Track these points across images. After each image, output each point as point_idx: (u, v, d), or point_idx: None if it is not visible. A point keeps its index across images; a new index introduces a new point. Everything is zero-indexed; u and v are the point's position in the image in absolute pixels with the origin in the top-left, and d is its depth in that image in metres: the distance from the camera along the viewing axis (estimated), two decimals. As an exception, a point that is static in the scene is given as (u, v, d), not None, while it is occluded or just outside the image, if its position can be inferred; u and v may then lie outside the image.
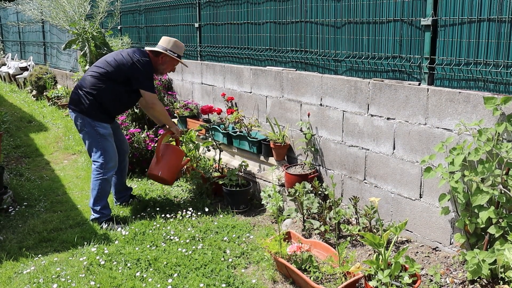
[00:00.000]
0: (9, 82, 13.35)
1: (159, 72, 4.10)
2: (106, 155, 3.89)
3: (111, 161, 3.92)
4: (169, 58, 4.02)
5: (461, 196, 2.79)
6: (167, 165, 4.13)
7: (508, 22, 2.69)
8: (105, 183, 3.92)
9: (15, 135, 7.54)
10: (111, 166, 3.93)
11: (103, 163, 3.88)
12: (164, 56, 4.00)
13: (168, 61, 4.04)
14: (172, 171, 4.17)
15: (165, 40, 4.03)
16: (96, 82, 3.84)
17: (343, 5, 3.69)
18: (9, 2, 14.06)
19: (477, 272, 2.61)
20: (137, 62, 3.83)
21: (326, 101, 3.93)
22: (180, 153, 4.29)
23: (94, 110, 3.85)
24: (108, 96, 3.87)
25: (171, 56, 3.99)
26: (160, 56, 4.00)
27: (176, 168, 4.23)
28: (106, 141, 3.90)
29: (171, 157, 4.18)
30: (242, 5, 4.85)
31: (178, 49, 4.04)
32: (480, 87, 2.90)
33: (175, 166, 4.21)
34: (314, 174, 4.04)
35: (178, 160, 4.25)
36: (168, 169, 4.13)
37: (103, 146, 3.89)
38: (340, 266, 2.82)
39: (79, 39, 6.75)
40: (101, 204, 3.93)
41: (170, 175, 4.15)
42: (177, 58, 4.03)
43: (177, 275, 3.12)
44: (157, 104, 4.02)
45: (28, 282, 3.13)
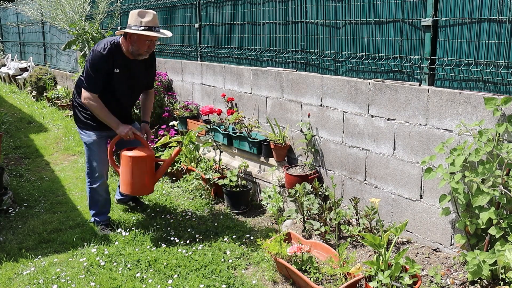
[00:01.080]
0: (9, 83, 13.35)
1: (136, 54, 3.45)
2: (90, 165, 3.71)
3: (96, 171, 3.70)
4: (136, 36, 3.34)
5: (462, 197, 2.79)
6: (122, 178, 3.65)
7: (508, 22, 2.68)
8: (93, 193, 3.79)
9: (15, 136, 7.54)
10: (97, 176, 3.72)
11: (88, 172, 3.76)
12: (130, 35, 3.37)
13: (136, 39, 3.37)
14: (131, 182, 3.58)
15: (130, 16, 3.38)
16: (78, 83, 3.62)
17: (343, 6, 3.69)
18: (9, 3, 14.06)
19: (478, 273, 2.60)
20: (91, 52, 3.42)
21: (327, 102, 3.93)
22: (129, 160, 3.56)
23: (78, 114, 3.67)
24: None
25: (136, 33, 3.31)
26: (128, 36, 3.40)
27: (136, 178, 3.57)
28: (89, 150, 3.69)
29: (122, 167, 3.62)
30: (242, 6, 4.85)
31: (144, 20, 3.30)
32: (481, 87, 2.90)
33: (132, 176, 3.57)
34: (314, 174, 4.03)
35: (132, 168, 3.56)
36: (124, 182, 3.63)
37: (87, 154, 3.71)
38: (341, 267, 2.82)
39: (79, 39, 6.75)
40: (94, 210, 3.88)
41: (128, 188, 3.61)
42: (143, 32, 3.29)
43: (177, 276, 3.12)
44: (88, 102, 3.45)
45: (28, 283, 3.12)
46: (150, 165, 3.64)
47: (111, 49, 3.39)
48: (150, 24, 3.31)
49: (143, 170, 3.59)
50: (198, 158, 4.95)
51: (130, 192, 3.63)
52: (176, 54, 6.39)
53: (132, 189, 3.60)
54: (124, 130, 3.52)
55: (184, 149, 4.91)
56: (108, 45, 3.38)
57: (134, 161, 3.54)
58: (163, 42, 6.72)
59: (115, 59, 3.42)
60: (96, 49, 3.36)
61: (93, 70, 3.38)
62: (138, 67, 3.58)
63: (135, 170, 3.55)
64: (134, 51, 3.41)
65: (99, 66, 3.37)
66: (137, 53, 3.43)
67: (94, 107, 3.46)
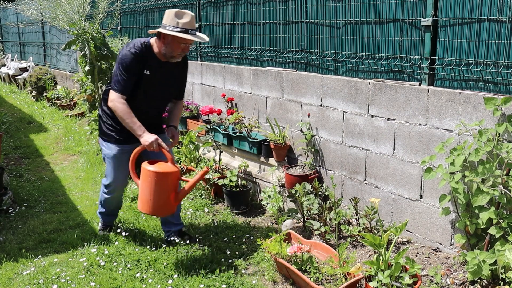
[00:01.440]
0: (9, 83, 13.35)
1: (168, 56, 3.19)
2: (107, 178, 3.50)
3: (111, 185, 3.50)
4: (170, 37, 3.09)
5: (462, 197, 2.79)
6: (141, 195, 3.16)
7: (508, 22, 2.68)
8: (104, 201, 3.67)
9: (15, 136, 7.54)
10: (112, 190, 3.53)
11: (105, 184, 3.56)
12: (165, 36, 3.12)
13: (170, 41, 3.11)
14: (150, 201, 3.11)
15: (165, 14, 3.12)
16: (106, 90, 3.31)
17: (343, 6, 3.69)
18: (9, 3, 14.06)
19: (478, 273, 2.60)
20: (120, 52, 3.18)
21: (326, 102, 3.93)
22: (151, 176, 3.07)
23: (102, 125, 3.42)
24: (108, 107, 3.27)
25: (172, 34, 3.04)
26: (161, 36, 3.15)
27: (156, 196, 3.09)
28: (108, 163, 3.44)
29: (142, 183, 3.14)
30: (242, 6, 4.85)
31: (181, 21, 3.05)
32: (481, 87, 2.90)
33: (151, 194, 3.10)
34: (314, 174, 4.03)
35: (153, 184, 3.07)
36: (142, 199, 3.15)
37: (106, 167, 3.48)
38: (341, 267, 2.82)
39: (79, 39, 6.74)
40: (103, 208, 3.75)
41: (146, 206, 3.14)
42: (178, 34, 3.02)
43: (177, 276, 3.12)
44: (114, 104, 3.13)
45: (28, 283, 3.12)
46: (173, 183, 3.16)
47: (142, 49, 3.15)
48: (187, 26, 3.06)
49: (165, 188, 3.11)
50: (198, 158, 4.95)
51: (147, 212, 3.16)
52: (176, 54, 6.38)
53: (150, 208, 3.13)
54: (149, 139, 3.10)
55: (184, 149, 4.91)
56: (139, 45, 3.15)
57: (155, 176, 3.07)
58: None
59: (146, 60, 3.16)
60: (126, 49, 3.14)
61: (123, 70, 3.11)
62: (170, 71, 3.31)
63: (156, 187, 3.07)
64: (167, 53, 3.17)
65: (129, 66, 3.11)
66: (170, 56, 3.18)
67: (120, 110, 3.11)
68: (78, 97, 9.15)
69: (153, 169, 3.08)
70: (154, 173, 3.07)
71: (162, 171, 3.08)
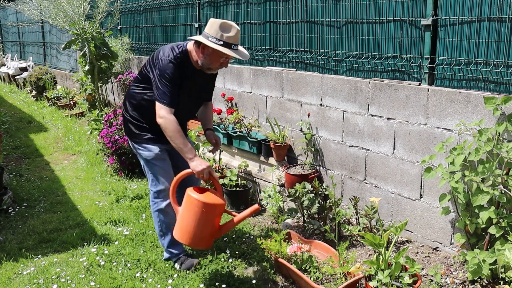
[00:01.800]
0: (9, 83, 13.35)
1: (205, 68, 2.99)
2: (156, 182, 3.15)
3: (163, 190, 3.15)
4: (211, 49, 2.86)
5: (462, 196, 2.79)
6: (181, 223, 2.87)
7: (508, 21, 2.68)
8: (162, 215, 3.18)
9: (15, 136, 7.54)
10: (164, 195, 3.15)
11: (154, 191, 3.17)
12: (204, 46, 2.89)
13: (211, 53, 2.88)
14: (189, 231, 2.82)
15: (209, 23, 2.89)
16: (134, 93, 3.14)
17: (343, 5, 3.69)
18: (9, 2, 14.06)
19: (478, 272, 2.60)
20: (159, 62, 2.91)
21: (326, 101, 3.93)
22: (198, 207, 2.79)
23: (134, 129, 3.16)
24: (146, 111, 3.08)
25: (213, 47, 2.82)
26: (200, 46, 2.92)
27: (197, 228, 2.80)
28: (153, 166, 3.14)
29: (184, 210, 2.87)
30: (242, 5, 4.85)
31: (225, 34, 2.82)
32: (481, 87, 2.90)
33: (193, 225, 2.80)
34: (314, 174, 4.03)
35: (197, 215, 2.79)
36: (181, 228, 2.86)
37: (152, 172, 3.16)
38: (341, 266, 2.82)
39: (79, 39, 6.75)
40: (166, 239, 3.25)
41: (185, 237, 2.84)
42: (220, 48, 2.81)
43: (177, 275, 3.12)
44: (165, 120, 2.86)
45: (28, 282, 3.12)
46: (219, 215, 2.92)
47: (181, 57, 2.94)
48: (231, 41, 2.84)
49: (211, 220, 2.85)
50: (198, 158, 4.94)
51: (186, 242, 2.87)
52: (176, 54, 6.38)
53: (190, 240, 2.84)
54: (200, 166, 2.85)
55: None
56: (177, 53, 2.94)
57: (203, 207, 2.78)
58: (163, 42, 6.72)
59: (184, 68, 2.98)
60: (164, 57, 2.90)
61: (167, 82, 2.88)
62: (203, 78, 3.16)
63: (202, 218, 2.79)
64: (204, 64, 2.96)
65: (173, 76, 2.90)
66: (207, 67, 2.99)
67: (171, 129, 2.85)
68: (78, 97, 9.15)
69: (202, 199, 2.79)
70: (202, 204, 2.78)
71: (212, 202, 2.81)
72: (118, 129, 5.29)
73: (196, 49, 2.96)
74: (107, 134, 5.27)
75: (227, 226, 2.95)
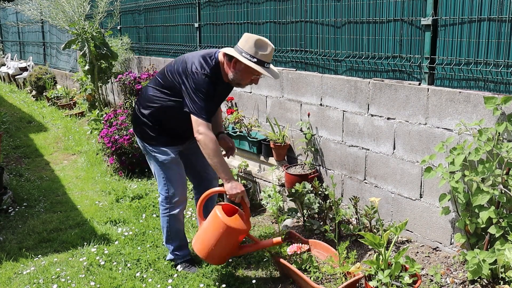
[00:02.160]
0: (9, 83, 13.35)
1: (235, 83, 2.97)
2: (170, 187, 3.09)
3: (177, 194, 3.11)
4: (244, 65, 2.82)
5: (462, 196, 2.79)
6: (201, 236, 2.95)
7: (508, 21, 2.68)
8: (173, 221, 3.16)
9: (15, 136, 7.54)
10: (178, 200, 3.12)
11: (167, 196, 3.11)
12: (237, 61, 2.84)
13: (243, 69, 2.85)
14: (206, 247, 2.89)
15: (243, 38, 2.85)
16: (153, 98, 3.03)
17: (343, 5, 3.69)
18: (9, 2, 14.06)
19: (478, 272, 2.60)
20: (192, 74, 2.82)
21: (326, 101, 3.93)
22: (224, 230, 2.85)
23: (151, 132, 3.08)
24: (166, 117, 3.04)
25: (246, 64, 2.79)
26: (233, 61, 2.86)
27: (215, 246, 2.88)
28: (168, 169, 3.08)
29: (207, 226, 2.93)
30: (242, 5, 4.85)
31: (260, 52, 2.79)
32: (481, 87, 2.89)
33: (211, 242, 2.87)
34: (314, 174, 4.03)
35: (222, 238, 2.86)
36: (202, 243, 2.92)
37: (166, 175, 3.09)
38: (340, 266, 2.82)
39: (79, 39, 6.75)
40: (174, 244, 3.24)
41: (202, 251, 2.91)
42: (254, 65, 2.78)
43: (177, 275, 3.12)
44: (205, 138, 2.80)
45: (28, 282, 3.12)
46: (241, 239, 3.02)
47: (215, 71, 2.89)
48: (264, 59, 2.81)
49: (232, 243, 2.94)
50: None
51: (202, 256, 2.93)
52: (176, 54, 6.38)
53: (206, 255, 2.91)
54: (235, 190, 2.86)
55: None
56: (211, 66, 2.87)
57: (227, 230, 2.85)
58: (163, 41, 6.73)
59: (216, 81, 2.91)
60: (199, 71, 2.82)
61: (204, 96, 2.81)
62: (227, 89, 3.16)
63: (223, 239, 2.86)
64: (235, 79, 2.92)
65: (209, 91, 2.84)
66: (237, 82, 2.95)
67: (211, 148, 2.81)
68: (78, 97, 9.15)
69: (228, 222, 2.85)
70: (227, 227, 2.84)
71: (236, 227, 2.87)
72: (118, 129, 5.29)
73: (227, 62, 2.90)
74: (107, 134, 5.27)
75: (246, 250, 3.04)
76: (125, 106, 5.80)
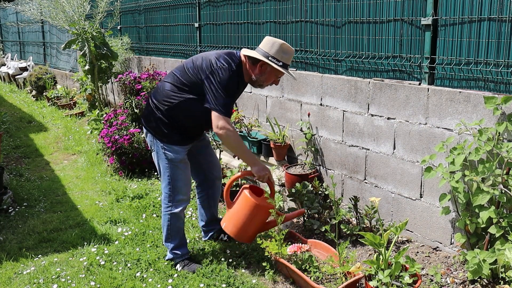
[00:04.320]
0: (9, 82, 13.35)
1: (257, 84, 3.08)
2: (175, 186, 3.13)
3: (181, 193, 3.15)
4: (270, 68, 2.97)
5: (462, 196, 2.79)
6: (233, 217, 3.12)
7: (508, 21, 2.68)
8: (174, 219, 3.18)
9: (15, 136, 7.54)
10: (181, 199, 3.16)
11: (170, 194, 3.15)
12: (263, 64, 2.98)
13: (268, 71, 3.00)
14: (239, 227, 3.08)
15: (267, 42, 2.98)
16: (170, 94, 3.03)
17: (343, 5, 3.69)
18: (9, 2, 14.07)
19: (478, 272, 2.60)
20: (216, 70, 2.89)
21: (326, 101, 3.93)
22: (254, 207, 3.06)
23: (164, 129, 3.08)
24: (183, 114, 3.05)
25: (273, 66, 2.95)
26: (259, 64, 2.99)
27: (247, 225, 3.09)
28: (175, 168, 3.11)
29: (239, 207, 3.12)
30: (242, 5, 4.85)
31: (284, 56, 2.96)
32: (481, 86, 2.89)
33: (244, 221, 3.08)
34: (314, 174, 4.03)
35: (252, 215, 3.08)
36: (234, 223, 3.10)
37: (172, 174, 3.11)
38: (341, 266, 2.82)
39: (79, 39, 6.75)
40: (173, 242, 3.24)
41: (236, 231, 3.10)
42: (281, 69, 2.94)
43: (177, 275, 3.12)
44: (227, 132, 2.90)
45: (28, 282, 3.12)
46: (268, 217, 3.21)
47: (239, 67, 3.00)
48: (287, 62, 3.00)
49: (259, 220, 3.14)
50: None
51: (232, 234, 3.13)
52: (176, 54, 6.38)
53: (236, 233, 3.11)
54: (263, 171, 3.06)
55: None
56: (236, 64, 2.98)
57: (256, 209, 3.06)
58: (163, 41, 6.73)
59: (238, 79, 3.02)
60: (225, 68, 2.91)
61: (228, 93, 2.91)
62: (243, 88, 3.24)
63: (252, 218, 3.08)
64: (258, 80, 3.04)
65: (233, 89, 2.98)
66: (259, 83, 3.08)
67: (235, 140, 2.96)
68: (78, 97, 9.15)
69: (258, 201, 3.08)
70: (256, 205, 3.06)
71: (265, 206, 3.09)
72: (118, 129, 5.29)
73: (251, 64, 3.02)
74: (107, 134, 5.27)
75: (271, 225, 3.23)
76: (125, 106, 5.80)
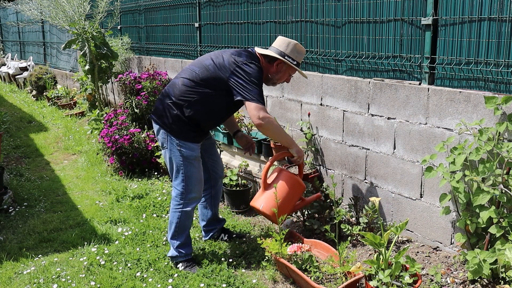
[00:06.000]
0: (9, 82, 13.35)
1: (271, 82, 3.21)
2: (188, 183, 3.12)
3: (193, 191, 3.15)
4: (285, 66, 3.12)
5: (462, 196, 2.79)
6: (273, 197, 3.09)
7: (509, 21, 2.68)
8: (184, 217, 3.18)
9: (15, 135, 7.54)
10: (193, 197, 3.17)
11: (183, 192, 3.14)
12: (280, 63, 3.11)
13: (284, 70, 3.14)
14: (281, 207, 3.10)
15: (282, 42, 3.13)
16: (188, 91, 3.05)
17: (343, 5, 3.69)
18: (9, 2, 14.07)
19: (478, 272, 2.60)
20: (243, 65, 2.99)
21: (327, 101, 3.93)
22: (296, 184, 3.23)
23: (181, 126, 3.08)
24: (202, 110, 3.07)
25: (288, 64, 3.10)
26: (275, 63, 3.12)
27: (288, 203, 3.18)
28: (190, 165, 3.11)
29: (282, 187, 3.17)
30: (242, 5, 4.85)
31: (298, 55, 3.13)
32: (481, 86, 2.89)
33: (286, 200, 3.16)
34: (314, 174, 4.03)
35: (292, 193, 3.21)
36: (273, 202, 3.09)
37: (186, 171, 3.11)
38: (341, 266, 2.82)
39: (79, 39, 6.75)
40: (179, 240, 3.22)
41: (272, 207, 3.11)
42: (295, 67, 3.12)
43: (178, 275, 3.12)
44: (269, 120, 2.97)
45: (28, 282, 3.12)
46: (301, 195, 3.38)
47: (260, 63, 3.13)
48: (300, 61, 3.17)
49: (295, 197, 3.28)
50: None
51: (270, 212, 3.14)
52: (176, 54, 6.39)
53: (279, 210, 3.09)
54: (302, 152, 3.23)
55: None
56: (257, 58, 3.11)
57: (299, 186, 3.26)
58: (163, 41, 6.73)
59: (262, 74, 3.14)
60: (249, 62, 3.01)
61: (258, 83, 3.00)
62: None
63: (294, 195, 3.25)
64: (273, 78, 3.18)
65: (261, 79, 3.07)
66: (272, 81, 3.22)
67: (276, 126, 3.07)
68: (78, 96, 9.15)
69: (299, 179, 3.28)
70: (298, 183, 3.25)
71: (303, 184, 3.30)
72: (118, 128, 5.29)
73: (266, 63, 3.14)
74: (107, 134, 5.27)
75: (299, 206, 3.37)
76: (125, 106, 5.80)
